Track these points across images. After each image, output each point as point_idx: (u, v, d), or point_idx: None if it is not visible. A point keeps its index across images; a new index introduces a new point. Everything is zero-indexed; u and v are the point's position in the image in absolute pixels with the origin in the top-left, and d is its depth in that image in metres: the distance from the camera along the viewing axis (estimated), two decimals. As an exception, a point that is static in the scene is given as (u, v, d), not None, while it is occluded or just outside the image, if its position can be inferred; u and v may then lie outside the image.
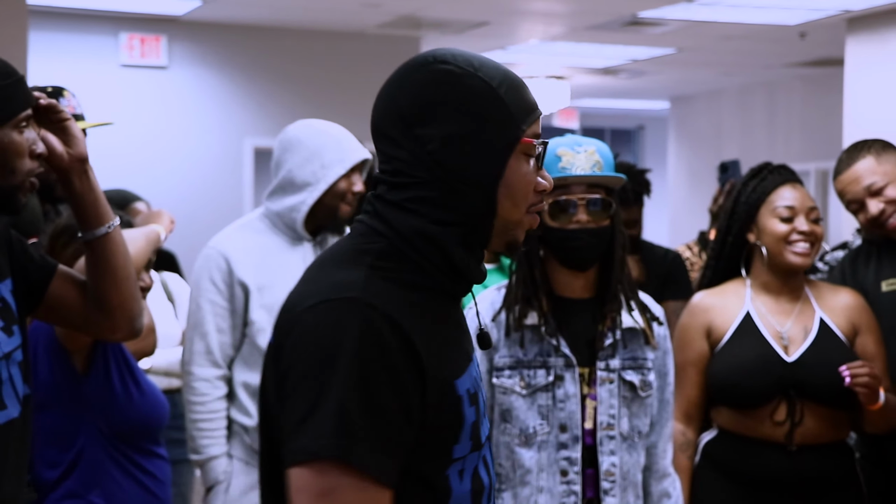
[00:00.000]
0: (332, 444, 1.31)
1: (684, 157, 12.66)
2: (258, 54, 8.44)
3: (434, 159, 1.42)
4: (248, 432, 2.98)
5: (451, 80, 1.43)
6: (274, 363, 1.40)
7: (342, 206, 3.04)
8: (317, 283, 1.40)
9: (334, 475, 1.32)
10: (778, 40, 8.73)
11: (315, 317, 1.36)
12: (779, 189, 2.86)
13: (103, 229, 1.97)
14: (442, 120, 1.42)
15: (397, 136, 1.44)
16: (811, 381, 2.74)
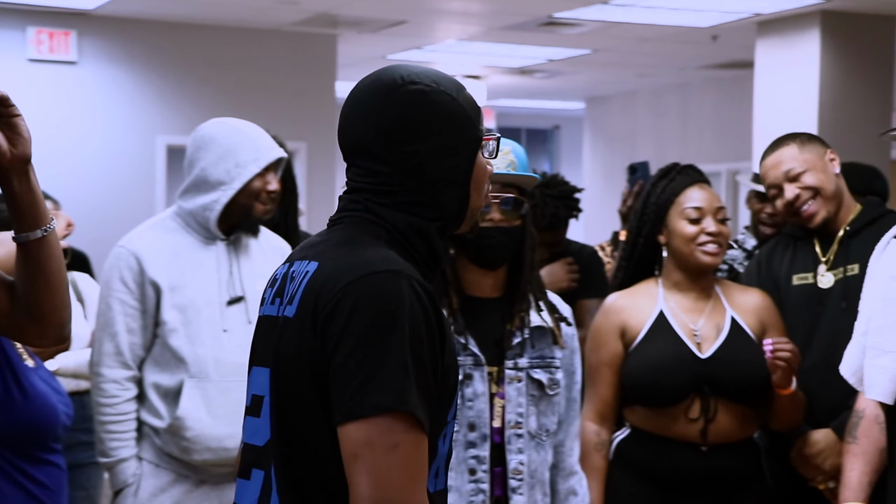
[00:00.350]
0: (403, 399, 1.48)
1: (599, 157, 12.79)
2: (172, 50, 8.32)
3: (418, 170, 1.62)
4: (158, 434, 2.93)
5: (424, 99, 1.63)
6: (320, 328, 1.54)
7: (256, 205, 3.01)
8: (353, 259, 1.57)
9: (401, 428, 1.48)
10: (690, 42, 8.86)
11: (369, 286, 1.53)
12: (687, 190, 2.90)
13: (39, 233, 1.89)
14: (423, 136, 1.62)
15: (381, 152, 1.63)
16: (724, 378, 2.78)
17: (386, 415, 1.48)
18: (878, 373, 2.34)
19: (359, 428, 1.48)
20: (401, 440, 1.48)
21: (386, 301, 1.52)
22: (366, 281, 1.53)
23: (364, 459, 1.48)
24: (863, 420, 2.46)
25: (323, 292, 1.56)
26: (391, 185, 1.63)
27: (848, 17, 7.58)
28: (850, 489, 2.42)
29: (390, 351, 1.50)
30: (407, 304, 1.52)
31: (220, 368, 2.93)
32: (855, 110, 7.36)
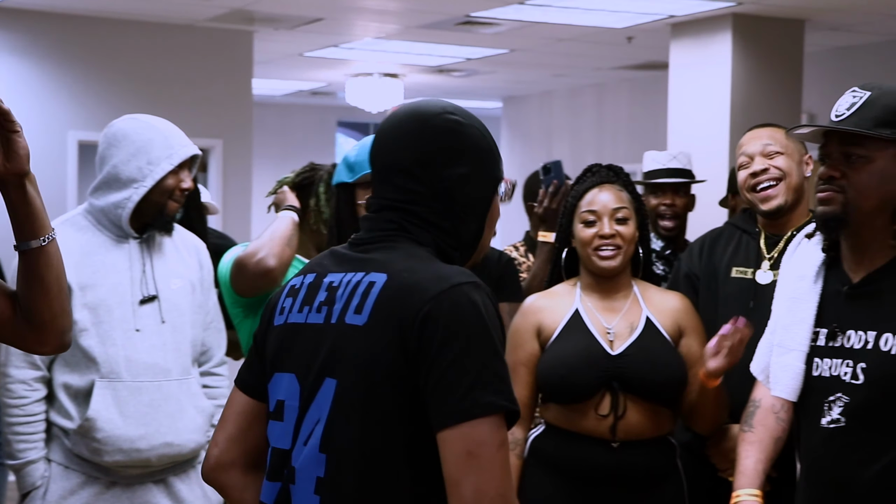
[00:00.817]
0: (510, 398, 1.63)
1: (516, 156, 12.86)
2: (84, 45, 8.17)
3: (447, 194, 1.77)
4: (67, 435, 2.88)
5: (460, 129, 1.79)
6: (414, 335, 1.64)
7: (170, 203, 2.98)
8: (433, 272, 1.70)
9: (505, 426, 1.62)
10: (606, 43, 8.95)
11: (460, 297, 1.66)
12: (587, 193, 2.92)
13: (36, 242, 1.94)
14: (456, 162, 1.77)
15: (417, 171, 1.76)
16: (633, 375, 2.80)
17: (496, 415, 1.61)
18: (782, 370, 2.39)
19: (473, 427, 1.60)
20: (505, 438, 1.63)
21: (478, 310, 1.66)
22: (456, 291, 1.67)
23: (479, 457, 1.60)
24: (759, 409, 2.50)
25: (411, 301, 1.67)
26: (421, 205, 1.77)
27: (758, 20, 7.73)
28: (745, 476, 2.46)
29: (491, 353, 1.64)
30: (488, 310, 1.67)
31: (131, 368, 2.89)
32: (765, 111, 7.49)
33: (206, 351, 3.13)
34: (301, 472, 1.73)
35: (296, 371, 1.77)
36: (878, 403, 2.21)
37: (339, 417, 1.69)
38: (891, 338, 2.20)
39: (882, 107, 2.24)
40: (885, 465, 2.19)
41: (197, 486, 3.03)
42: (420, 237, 1.77)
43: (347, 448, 1.68)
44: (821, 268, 2.39)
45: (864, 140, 2.23)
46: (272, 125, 13.13)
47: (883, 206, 2.24)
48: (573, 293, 2.95)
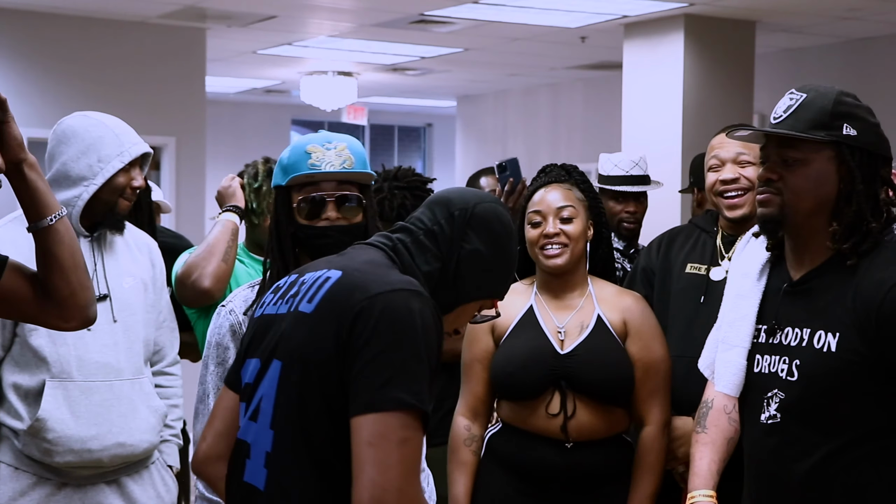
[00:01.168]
0: (421, 399, 1.70)
1: (472, 155, 12.88)
2: (33, 41, 8.07)
3: (456, 255, 1.92)
4: (17, 436, 2.84)
5: (505, 222, 1.98)
6: (346, 327, 1.75)
7: (121, 201, 2.95)
8: (381, 277, 1.82)
9: (413, 426, 1.69)
10: (560, 43, 8.99)
11: (397, 299, 1.76)
12: (535, 194, 2.94)
13: (45, 222, 2.07)
14: (487, 241, 1.94)
15: (456, 220, 1.94)
16: (581, 374, 2.80)
17: (403, 411, 1.69)
18: (724, 366, 2.41)
19: (377, 420, 1.68)
20: (411, 436, 1.69)
21: (411, 316, 1.75)
22: (395, 295, 1.77)
23: (377, 449, 1.67)
24: (711, 410, 2.52)
25: (352, 297, 1.78)
26: (432, 241, 1.92)
27: (710, 21, 7.80)
28: (699, 477, 2.48)
29: (412, 356, 1.72)
30: (424, 319, 1.76)
31: (83, 368, 2.86)
32: (717, 111, 7.57)
33: (158, 350, 3.11)
34: (254, 447, 1.85)
35: (259, 356, 1.90)
36: (811, 400, 2.23)
37: (282, 397, 1.81)
38: (824, 335, 2.22)
39: (817, 109, 2.25)
40: (816, 461, 2.21)
41: (150, 487, 3.01)
42: (402, 259, 1.90)
43: (288, 425, 1.79)
44: (765, 265, 2.41)
45: (800, 143, 2.25)
46: (226, 123, 13.05)
47: (819, 207, 2.26)
48: (529, 291, 2.96)
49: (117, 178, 2.92)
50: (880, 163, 2.27)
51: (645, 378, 2.87)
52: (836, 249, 2.25)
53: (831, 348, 2.21)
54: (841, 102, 2.27)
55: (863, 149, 2.25)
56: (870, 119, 2.29)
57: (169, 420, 3.09)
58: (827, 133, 2.24)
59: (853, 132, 2.24)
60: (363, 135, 14.63)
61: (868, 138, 2.26)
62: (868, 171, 2.25)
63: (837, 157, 2.24)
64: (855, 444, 2.20)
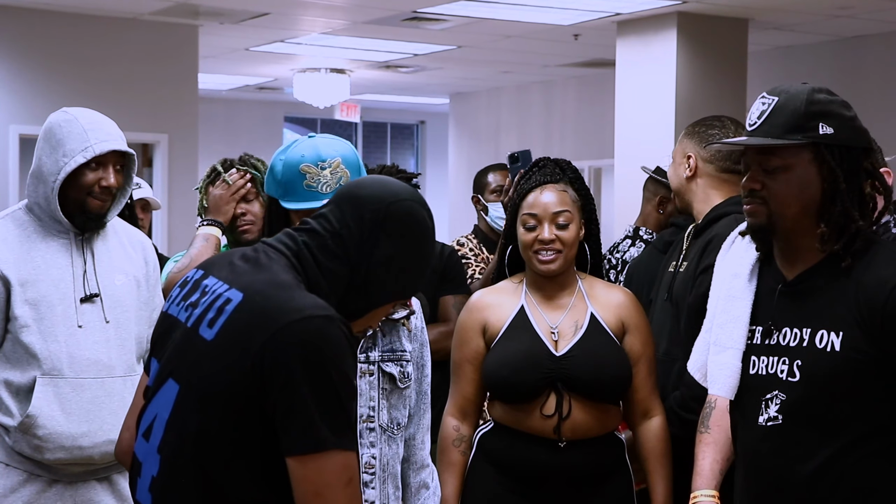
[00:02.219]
0: (342, 436, 1.68)
1: (464, 152, 12.88)
2: (26, 38, 8.05)
3: (369, 259, 1.82)
4: (8, 433, 2.84)
5: (423, 223, 1.87)
6: (257, 364, 1.68)
7: (90, 200, 2.89)
8: (287, 303, 1.72)
9: (347, 462, 1.69)
10: (553, 40, 8.99)
11: (307, 330, 1.69)
12: (530, 194, 2.89)
13: None
14: (403, 245, 1.84)
15: (368, 220, 1.82)
16: (577, 375, 2.80)
17: (337, 451, 1.68)
18: (718, 369, 2.40)
19: (319, 464, 1.67)
20: (353, 474, 1.69)
21: (325, 344, 1.69)
22: (304, 324, 1.69)
23: (324, 497, 1.68)
24: (714, 410, 2.52)
25: (258, 330, 1.70)
26: (339, 244, 1.82)
27: (703, 19, 7.80)
28: (702, 477, 2.48)
29: (333, 391, 1.68)
30: (340, 347, 1.70)
31: (74, 365, 2.85)
32: (710, 108, 7.55)
33: (150, 347, 3.10)
34: (143, 466, 1.81)
35: (159, 360, 1.87)
36: (815, 400, 2.22)
37: (176, 423, 1.76)
38: (826, 334, 2.22)
39: (790, 112, 2.22)
40: (821, 461, 2.21)
41: (141, 484, 3.00)
42: (306, 267, 1.80)
43: (178, 454, 1.75)
44: (755, 266, 2.40)
45: (778, 149, 2.22)
46: (218, 120, 13.04)
47: (806, 210, 2.23)
48: (519, 290, 2.94)
49: (85, 176, 2.87)
50: (861, 156, 2.24)
51: (649, 372, 2.89)
52: (826, 251, 2.24)
53: (835, 347, 2.19)
54: (813, 101, 2.23)
55: (842, 146, 2.22)
56: (845, 113, 2.25)
57: (160, 417, 3.09)
58: (803, 135, 2.21)
59: (830, 130, 2.21)
60: (356, 132, 14.62)
61: (845, 133, 2.23)
62: (850, 166, 2.22)
63: (817, 158, 2.21)
64: (859, 443, 2.20)
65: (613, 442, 2.91)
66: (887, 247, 2.24)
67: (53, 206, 2.87)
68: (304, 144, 2.45)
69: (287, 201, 2.44)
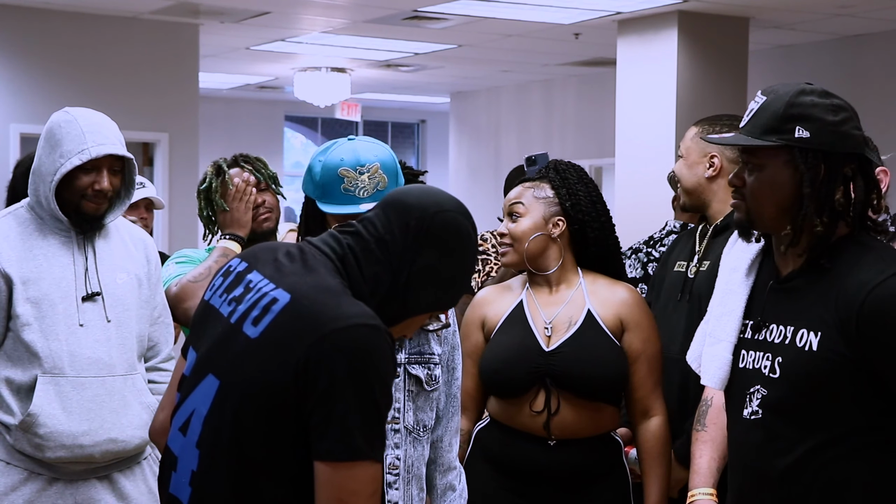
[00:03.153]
0: (374, 447, 1.70)
1: (464, 151, 12.88)
2: (27, 37, 8.05)
3: (410, 267, 1.82)
4: (9, 431, 2.84)
5: (464, 232, 1.87)
6: (301, 367, 1.69)
7: (84, 203, 2.89)
8: (333, 309, 1.73)
9: (372, 474, 1.69)
10: (554, 39, 8.99)
11: (354, 338, 1.70)
12: (510, 192, 2.98)
13: None
14: (443, 255, 1.84)
15: (412, 228, 1.83)
16: (565, 371, 2.80)
17: (366, 461, 1.69)
18: (711, 360, 2.41)
19: (345, 473, 1.68)
20: (378, 486, 1.71)
21: (370, 354, 1.70)
22: (349, 332, 1.70)
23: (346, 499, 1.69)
24: (711, 408, 2.53)
25: (304, 333, 1.71)
26: (382, 249, 1.83)
27: (704, 18, 7.80)
28: (699, 475, 2.49)
29: (374, 401, 1.70)
30: (384, 357, 1.72)
31: (75, 364, 2.85)
32: (710, 107, 7.54)
33: (153, 346, 3.10)
34: (180, 461, 1.82)
35: (197, 350, 1.87)
36: (792, 397, 2.23)
37: (214, 419, 1.77)
38: (806, 333, 2.23)
39: (771, 113, 2.22)
40: (797, 457, 2.22)
41: (141, 482, 3.00)
42: (349, 271, 1.81)
43: (217, 451, 1.76)
44: (755, 260, 2.41)
45: (757, 149, 2.25)
46: (219, 119, 13.04)
47: (781, 212, 2.24)
48: (522, 286, 2.96)
49: (80, 178, 2.86)
50: (842, 161, 2.23)
51: (649, 371, 2.88)
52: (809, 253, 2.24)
53: (813, 347, 2.21)
54: (794, 104, 2.22)
55: (817, 150, 2.22)
56: (827, 118, 2.23)
57: (161, 416, 3.09)
58: (778, 137, 2.22)
59: (806, 134, 2.21)
60: (357, 131, 14.62)
61: (823, 139, 2.21)
62: (824, 172, 2.21)
63: (791, 161, 2.22)
64: (834, 442, 2.21)
65: (608, 443, 2.89)
66: (877, 250, 2.23)
67: (52, 206, 2.87)
68: (343, 147, 2.44)
69: (325, 203, 2.43)
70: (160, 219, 8.33)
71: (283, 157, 14.27)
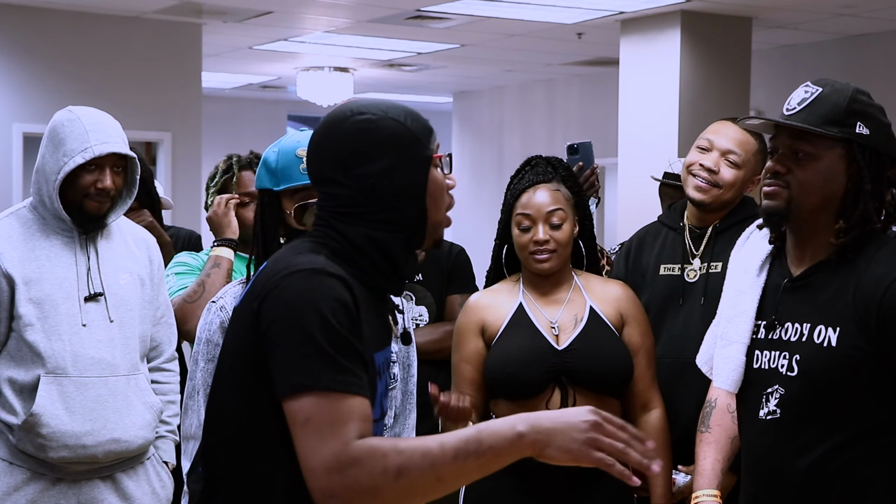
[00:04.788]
0: (328, 379, 1.69)
1: (467, 151, 12.88)
2: (29, 36, 8.06)
3: (373, 190, 1.81)
4: (12, 431, 2.84)
5: (370, 126, 1.83)
6: (252, 321, 1.76)
7: (87, 202, 2.89)
8: (285, 262, 1.78)
9: (334, 403, 1.69)
10: (557, 39, 8.99)
11: (289, 282, 1.74)
12: (523, 194, 2.89)
13: None
14: (373, 159, 1.82)
15: (339, 178, 1.83)
16: (581, 368, 2.81)
17: (304, 394, 1.70)
18: (723, 362, 2.41)
19: (291, 404, 1.70)
20: (311, 415, 1.69)
21: (299, 295, 1.73)
22: (288, 278, 1.75)
23: (296, 436, 1.71)
24: (715, 409, 2.52)
25: (259, 288, 1.79)
26: (351, 206, 1.82)
27: (707, 18, 7.80)
28: (703, 476, 2.49)
29: (309, 334, 1.70)
30: (318, 294, 1.73)
31: (78, 364, 2.85)
32: (713, 107, 7.56)
33: (156, 346, 3.10)
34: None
35: None
36: (811, 395, 2.23)
37: (215, 384, 1.87)
38: (824, 330, 2.22)
39: (832, 105, 2.24)
40: (817, 456, 2.22)
41: (145, 482, 3.00)
42: (345, 231, 1.83)
43: (218, 410, 1.86)
44: (765, 261, 2.41)
45: (812, 137, 2.24)
46: (222, 119, 13.04)
47: (826, 204, 2.26)
48: (516, 289, 2.94)
49: (83, 177, 2.87)
50: (888, 164, 2.26)
51: (649, 363, 2.90)
52: (840, 245, 2.25)
53: (832, 343, 2.21)
54: (856, 100, 2.27)
55: (873, 148, 2.25)
56: (882, 119, 2.29)
57: (165, 416, 3.09)
58: (840, 130, 2.23)
59: (866, 131, 2.24)
60: (359, 131, 14.62)
61: (879, 139, 2.26)
62: (876, 171, 2.25)
63: (848, 154, 2.24)
64: (855, 440, 2.21)
65: None
66: (892, 244, 2.25)
67: (56, 205, 2.87)
68: (296, 135, 2.48)
69: (283, 185, 2.44)
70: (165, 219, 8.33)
71: (286, 156, 14.28)
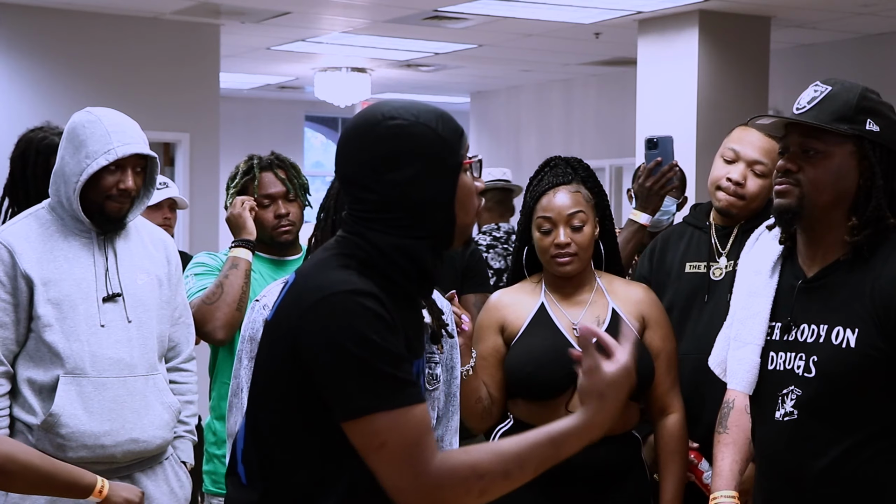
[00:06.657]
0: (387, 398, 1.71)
1: (484, 151, 12.86)
2: (47, 38, 8.09)
3: (403, 197, 1.80)
4: (31, 431, 2.85)
5: (403, 132, 1.80)
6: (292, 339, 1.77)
7: (108, 203, 2.90)
8: (317, 281, 1.78)
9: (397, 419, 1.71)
10: (574, 39, 8.97)
11: (326, 308, 1.73)
12: (543, 196, 2.87)
13: None
14: (404, 166, 1.79)
15: (368, 183, 1.81)
16: None
17: (371, 415, 1.71)
18: (738, 364, 2.40)
19: (358, 428, 1.72)
20: (386, 438, 1.71)
21: (335, 318, 1.73)
22: (324, 302, 1.74)
23: (378, 455, 1.73)
24: (732, 410, 2.52)
25: (293, 308, 1.79)
26: (378, 212, 1.81)
27: (725, 17, 7.77)
28: (721, 478, 2.48)
29: (354, 357, 1.72)
30: (355, 314, 1.73)
31: (96, 364, 2.86)
32: (732, 107, 7.54)
33: (173, 347, 3.11)
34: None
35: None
36: (829, 396, 2.23)
37: (252, 402, 1.88)
38: (842, 331, 2.22)
39: (842, 102, 2.25)
40: (834, 456, 2.21)
41: (163, 483, 3.01)
42: (373, 239, 1.82)
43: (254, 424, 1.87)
44: (777, 262, 2.40)
45: (823, 134, 2.24)
46: (239, 119, 13.07)
47: (837, 201, 2.26)
48: (538, 289, 2.94)
49: (105, 178, 2.88)
50: None
51: (669, 367, 2.90)
52: (853, 243, 2.24)
53: (850, 344, 2.20)
54: (865, 98, 2.27)
55: (884, 145, 2.25)
56: (892, 116, 2.29)
57: (183, 416, 3.10)
58: (850, 127, 2.24)
59: (876, 128, 2.25)
60: (376, 131, 14.62)
61: (890, 136, 2.26)
62: (887, 167, 2.24)
63: (859, 151, 2.24)
64: (873, 440, 2.20)
65: (630, 440, 2.90)
66: None
67: (76, 207, 2.88)
68: None
69: None
70: (181, 218, 8.36)
71: (304, 156, 14.29)
